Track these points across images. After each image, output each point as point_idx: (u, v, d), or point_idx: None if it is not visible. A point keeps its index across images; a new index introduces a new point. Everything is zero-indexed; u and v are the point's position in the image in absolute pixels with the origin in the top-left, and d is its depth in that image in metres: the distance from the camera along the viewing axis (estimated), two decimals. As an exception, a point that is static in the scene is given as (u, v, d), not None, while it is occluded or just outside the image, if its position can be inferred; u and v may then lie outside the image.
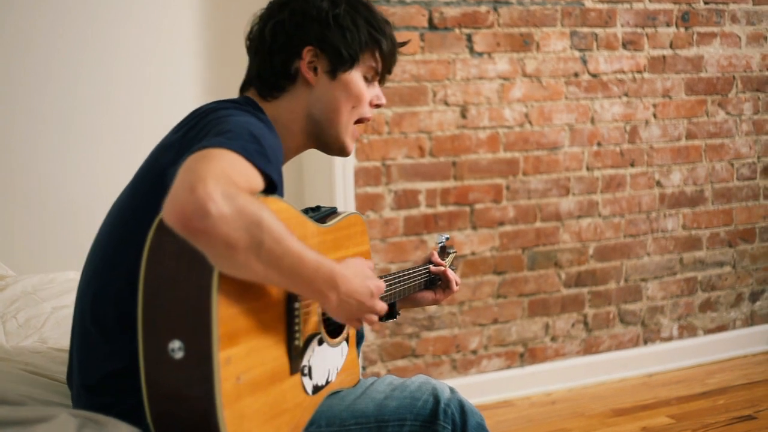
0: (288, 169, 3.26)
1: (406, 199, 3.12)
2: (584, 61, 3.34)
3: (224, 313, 1.17)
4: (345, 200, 3.00)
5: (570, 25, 3.29)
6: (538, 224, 3.35)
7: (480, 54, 3.17)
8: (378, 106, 1.63)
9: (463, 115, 3.17)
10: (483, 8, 3.14)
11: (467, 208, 3.22)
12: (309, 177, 3.25)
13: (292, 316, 1.35)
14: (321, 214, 1.56)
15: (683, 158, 3.58)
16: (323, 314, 1.48)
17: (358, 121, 1.61)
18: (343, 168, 2.99)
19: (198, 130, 1.34)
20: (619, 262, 3.51)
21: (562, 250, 3.40)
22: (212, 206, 1.09)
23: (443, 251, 1.94)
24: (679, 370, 3.63)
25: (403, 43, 1.67)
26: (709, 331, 3.75)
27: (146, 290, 1.20)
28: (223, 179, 1.12)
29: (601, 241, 3.47)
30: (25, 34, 2.88)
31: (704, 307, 3.72)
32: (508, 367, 3.37)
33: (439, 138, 3.14)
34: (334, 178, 2.98)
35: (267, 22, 1.54)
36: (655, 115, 3.51)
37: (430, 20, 3.08)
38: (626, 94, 3.44)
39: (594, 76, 3.37)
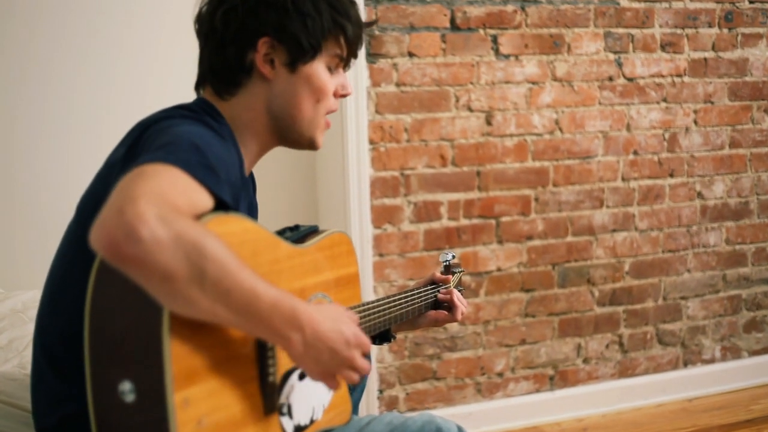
0: (300, 179, 3.21)
1: (426, 212, 2.99)
2: (619, 64, 3.19)
3: (178, 349, 1.04)
4: (360, 213, 2.87)
5: (604, 25, 3.16)
6: (570, 238, 3.21)
7: (506, 56, 3.03)
8: (343, 96, 1.47)
9: (488, 122, 3.03)
10: (509, 7, 3.00)
11: (493, 221, 3.07)
12: (322, 188, 3.13)
13: (264, 350, 1.20)
14: (299, 234, 1.39)
15: (726, 168, 3.43)
16: None
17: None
18: (359, 178, 2.85)
19: (140, 145, 1.21)
20: (657, 279, 3.38)
21: (596, 266, 3.26)
22: (144, 230, 0.96)
23: (448, 270, 1.81)
24: (721, 394, 3.49)
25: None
26: (754, 353, 3.60)
27: (92, 324, 1.09)
28: (158, 199, 0.99)
29: (638, 257, 3.32)
30: (26, 38, 2.82)
31: (749, 328, 3.57)
32: (537, 390, 3.24)
33: (462, 146, 3.01)
34: (348, 189, 2.86)
35: (218, 6, 1.38)
36: (696, 122, 3.36)
37: (453, 20, 2.95)
38: (665, 100, 3.30)
39: (630, 80, 3.23)
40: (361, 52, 2.77)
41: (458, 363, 3.10)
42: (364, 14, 2.79)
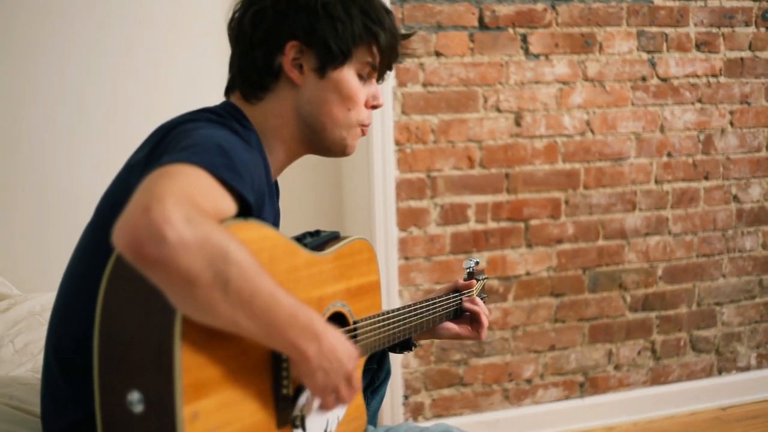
0: (325, 181, 3.16)
1: (453, 214, 2.93)
2: (653, 64, 3.12)
3: (190, 359, 1.01)
4: (385, 215, 2.82)
5: (637, 24, 3.09)
6: (601, 242, 3.14)
7: (536, 56, 2.97)
8: (375, 107, 1.43)
9: (518, 123, 2.97)
10: (539, 6, 2.94)
11: (521, 225, 3.01)
12: (347, 189, 3.09)
13: (278, 361, 1.16)
14: (319, 240, 1.35)
15: (763, 171, 3.36)
16: None
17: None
18: (384, 179, 2.81)
19: (163, 147, 1.18)
20: (691, 284, 3.30)
21: (628, 271, 3.18)
22: (170, 231, 0.93)
23: (471, 277, 1.78)
24: (756, 403, 3.42)
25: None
26: (791, 361, 3.53)
27: (102, 330, 1.06)
28: (184, 200, 0.96)
29: (671, 261, 3.25)
30: (31, 36, 2.80)
31: (786, 335, 3.50)
32: (567, 397, 3.18)
33: (490, 147, 2.95)
34: (373, 191, 2.81)
35: (247, 9, 1.35)
36: (732, 123, 3.28)
37: (481, 19, 2.89)
38: (700, 100, 3.22)
39: (664, 80, 3.15)
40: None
41: (486, 369, 3.04)
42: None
